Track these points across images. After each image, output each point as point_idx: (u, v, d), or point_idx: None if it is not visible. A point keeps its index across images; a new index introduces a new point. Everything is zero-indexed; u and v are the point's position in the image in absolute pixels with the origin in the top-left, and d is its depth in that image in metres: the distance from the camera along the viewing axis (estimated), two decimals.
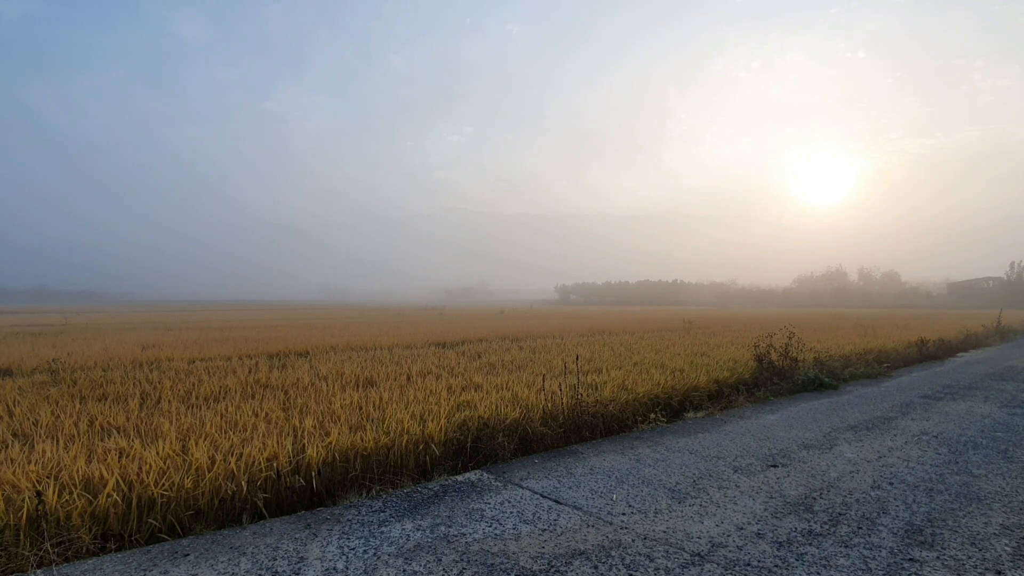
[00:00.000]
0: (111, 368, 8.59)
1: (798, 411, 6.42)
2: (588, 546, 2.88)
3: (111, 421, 4.80)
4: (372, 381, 7.08)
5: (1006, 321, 21.52)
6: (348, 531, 3.08)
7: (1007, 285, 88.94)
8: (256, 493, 3.40)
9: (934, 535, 3.03)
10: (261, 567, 2.65)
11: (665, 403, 6.30)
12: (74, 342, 13.63)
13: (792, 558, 2.75)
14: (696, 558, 2.75)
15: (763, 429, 5.51)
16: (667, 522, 3.20)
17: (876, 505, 3.46)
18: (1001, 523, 3.18)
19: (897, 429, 5.51)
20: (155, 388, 6.49)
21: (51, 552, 2.73)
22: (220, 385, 6.67)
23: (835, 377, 8.47)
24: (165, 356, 10.19)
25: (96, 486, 3.17)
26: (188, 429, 4.42)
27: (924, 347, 12.37)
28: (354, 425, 4.56)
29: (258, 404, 5.42)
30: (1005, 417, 6.10)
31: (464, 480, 4.00)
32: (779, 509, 3.39)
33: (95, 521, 2.99)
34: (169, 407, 5.31)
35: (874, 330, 17.28)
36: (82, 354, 10.41)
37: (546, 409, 5.22)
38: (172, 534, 3.09)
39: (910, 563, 2.70)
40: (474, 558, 2.74)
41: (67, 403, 5.57)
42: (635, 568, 2.65)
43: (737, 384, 7.67)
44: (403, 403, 5.39)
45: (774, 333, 9.65)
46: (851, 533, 3.05)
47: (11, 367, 8.82)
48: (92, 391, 6.34)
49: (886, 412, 6.36)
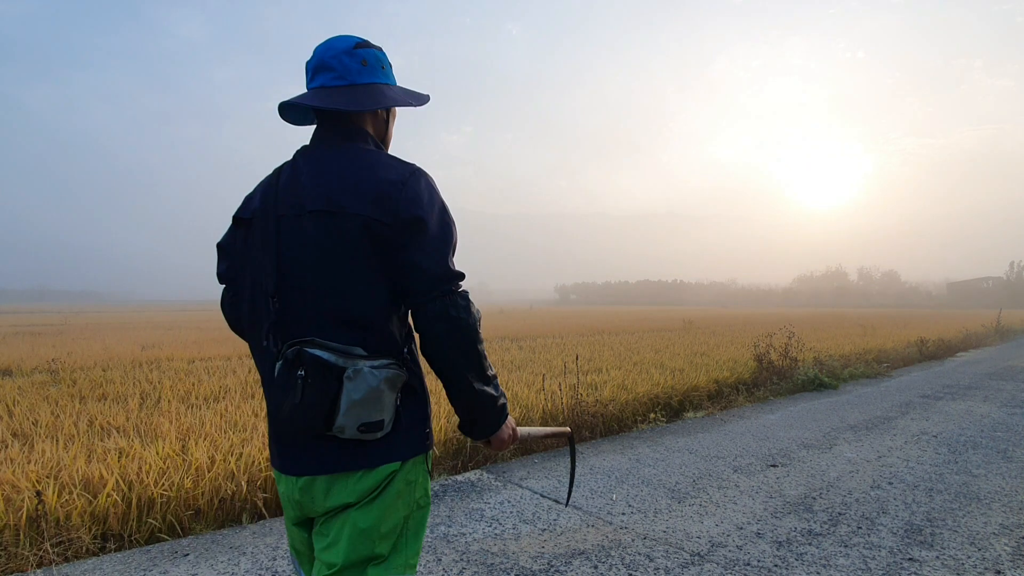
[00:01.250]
0: (111, 368, 8.59)
1: (798, 411, 6.43)
2: (588, 546, 2.89)
3: (111, 421, 4.80)
4: None
5: (1006, 321, 21.54)
6: None
7: (1007, 285, 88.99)
8: (256, 493, 3.40)
9: (934, 535, 3.03)
10: (261, 567, 2.65)
11: (665, 403, 6.30)
12: (74, 342, 13.64)
13: (792, 558, 2.75)
14: (696, 558, 2.75)
15: (763, 429, 5.51)
16: (667, 522, 3.20)
17: (876, 505, 3.46)
18: (1001, 523, 3.19)
19: (897, 429, 5.51)
20: (155, 388, 6.50)
21: (51, 552, 2.73)
22: (220, 385, 6.67)
23: (835, 377, 8.47)
24: (165, 356, 10.20)
25: (96, 486, 3.17)
26: (188, 429, 4.42)
27: (924, 347, 12.38)
28: None
29: (258, 404, 5.42)
30: (1005, 417, 6.11)
31: (464, 480, 4.00)
32: (779, 509, 3.40)
33: (95, 521, 2.99)
34: (169, 407, 5.31)
35: (874, 330, 17.29)
36: (82, 354, 10.41)
37: (546, 409, 5.23)
38: (172, 534, 3.09)
39: (909, 563, 2.70)
40: (474, 558, 2.74)
41: (67, 403, 5.57)
42: (635, 568, 2.65)
43: (737, 384, 7.68)
44: None
45: (774, 333, 9.66)
46: (851, 533, 3.05)
47: (11, 367, 8.82)
48: (92, 391, 6.34)
49: (886, 412, 6.36)
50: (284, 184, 1.19)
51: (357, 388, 1.06)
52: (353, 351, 1.09)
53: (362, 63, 1.23)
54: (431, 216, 1.15)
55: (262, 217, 1.19)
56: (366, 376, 1.07)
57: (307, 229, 1.13)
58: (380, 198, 1.11)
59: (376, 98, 1.21)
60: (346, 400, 1.05)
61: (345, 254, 1.11)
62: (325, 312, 1.12)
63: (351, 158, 1.18)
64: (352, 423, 1.07)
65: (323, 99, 1.19)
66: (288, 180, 1.19)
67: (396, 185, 1.13)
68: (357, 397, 1.06)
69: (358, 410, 1.07)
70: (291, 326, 1.13)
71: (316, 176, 1.16)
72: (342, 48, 1.22)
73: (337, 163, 1.17)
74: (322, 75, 1.22)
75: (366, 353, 1.11)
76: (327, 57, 1.22)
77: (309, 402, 1.05)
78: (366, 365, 1.08)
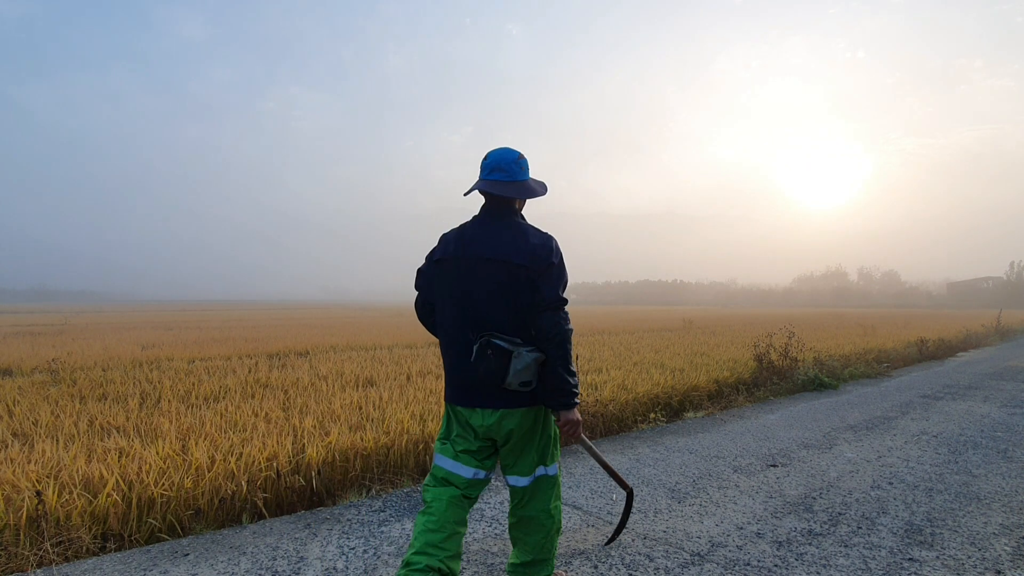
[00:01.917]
0: (111, 368, 8.59)
1: (798, 411, 6.43)
2: (588, 546, 2.89)
3: (111, 421, 4.80)
4: (372, 381, 7.08)
5: (1006, 321, 21.53)
6: (348, 531, 3.08)
7: (1007, 285, 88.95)
8: (256, 493, 3.40)
9: (934, 535, 3.03)
10: (261, 567, 2.65)
11: (665, 403, 6.30)
12: (74, 342, 13.63)
13: (792, 558, 2.75)
14: (696, 558, 2.75)
15: (763, 429, 5.51)
16: (667, 522, 3.20)
17: (876, 505, 3.46)
18: (1001, 523, 3.18)
19: (897, 429, 5.51)
20: (155, 388, 6.49)
21: (51, 552, 2.73)
22: (220, 385, 6.67)
23: (835, 377, 8.47)
24: (165, 356, 10.19)
25: (96, 486, 3.17)
26: (188, 429, 4.42)
27: (924, 347, 12.37)
28: (354, 425, 4.56)
29: (258, 404, 5.42)
30: (1005, 417, 6.10)
31: None
32: (779, 509, 3.39)
33: (95, 521, 2.99)
34: (169, 407, 5.31)
35: (874, 330, 17.28)
36: (82, 354, 10.41)
37: None
38: (172, 534, 3.09)
39: (910, 563, 2.70)
40: (474, 558, 2.74)
41: (67, 403, 5.57)
42: (635, 568, 2.65)
43: (737, 384, 7.68)
44: (403, 403, 5.39)
45: (774, 333, 9.66)
46: (851, 533, 3.05)
47: (11, 367, 8.82)
48: (92, 391, 6.34)
49: (886, 412, 6.36)
50: (467, 240, 2.08)
51: (519, 362, 1.94)
52: (516, 341, 1.98)
53: (520, 168, 2.12)
54: (555, 265, 2.02)
55: (453, 259, 2.08)
56: (524, 356, 1.95)
57: (484, 270, 2.02)
58: (532, 255, 2.00)
59: (525, 191, 2.12)
60: (512, 369, 1.93)
61: (509, 286, 2.00)
62: (500, 318, 2.01)
63: (511, 227, 2.08)
64: (515, 381, 1.94)
65: (498, 189, 2.07)
66: (470, 238, 2.08)
67: (540, 248, 2.02)
68: (519, 367, 1.94)
69: (519, 375, 1.94)
70: (480, 325, 2.01)
71: (490, 237, 2.06)
72: (511, 158, 2.11)
73: (503, 230, 2.07)
74: (496, 173, 2.09)
75: (522, 342, 1.99)
76: (501, 163, 2.10)
77: (493, 369, 1.93)
78: (523, 349, 1.96)
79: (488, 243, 2.04)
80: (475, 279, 2.03)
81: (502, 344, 1.94)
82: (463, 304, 2.04)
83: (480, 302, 2.02)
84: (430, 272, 2.18)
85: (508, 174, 2.09)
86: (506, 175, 2.09)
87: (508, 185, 2.09)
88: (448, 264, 2.09)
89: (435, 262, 2.15)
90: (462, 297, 2.05)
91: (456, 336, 2.06)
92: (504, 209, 2.12)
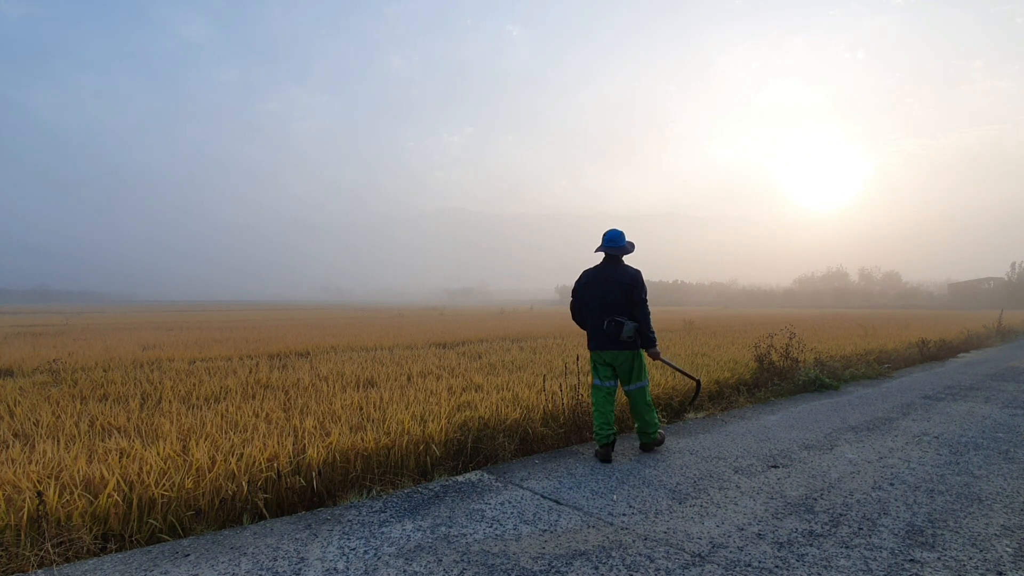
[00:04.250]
0: (112, 368, 8.60)
1: (799, 412, 6.42)
2: (589, 547, 2.88)
3: (112, 421, 4.80)
4: (373, 381, 7.08)
5: (1007, 321, 21.50)
6: (348, 531, 3.08)
7: (1008, 285, 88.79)
8: (257, 493, 3.40)
9: (935, 536, 3.02)
10: (262, 567, 2.65)
11: (665, 403, 6.30)
12: (75, 342, 13.65)
13: (793, 559, 2.75)
14: (697, 559, 2.75)
15: (764, 430, 5.51)
16: (668, 523, 3.20)
17: (877, 506, 3.46)
18: (1002, 524, 3.18)
19: (898, 430, 5.51)
20: (156, 388, 6.50)
21: (52, 552, 2.73)
22: (220, 385, 6.67)
23: (836, 378, 8.45)
24: (166, 356, 10.20)
25: (97, 486, 3.17)
26: (188, 429, 4.42)
27: (925, 348, 12.35)
28: (354, 425, 4.56)
29: (259, 404, 5.42)
30: (1006, 418, 6.09)
31: (464, 480, 4.00)
32: (780, 510, 3.39)
33: (96, 521, 2.99)
34: (170, 407, 5.31)
35: (875, 331, 17.26)
36: (83, 354, 10.42)
37: (547, 409, 5.22)
38: (173, 534, 3.09)
39: (911, 564, 2.70)
40: (475, 558, 2.74)
41: (68, 403, 5.58)
42: (635, 569, 2.64)
43: (738, 384, 7.67)
44: (404, 403, 5.39)
45: (775, 333, 9.65)
46: (852, 534, 3.04)
47: (12, 367, 8.83)
48: (93, 391, 6.35)
49: (887, 413, 6.35)
50: (600, 274, 4.64)
51: (628, 330, 4.42)
52: (625, 319, 4.48)
53: (623, 239, 4.63)
54: (641, 282, 4.54)
55: (593, 283, 4.63)
56: (629, 327, 4.43)
57: (611, 286, 4.55)
58: (631, 279, 4.54)
59: (625, 251, 4.64)
60: (624, 332, 4.42)
61: (622, 293, 4.52)
62: (618, 308, 4.51)
63: (620, 266, 4.62)
64: (627, 337, 4.43)
65: (613, 251, 4.61)
66: (602, 272, 4.63)
67: (634, 276, 4.56)
68: (628, 330, 4.42)
69: (627, 333, 4.42)
70: (609, 311, 4.51)
71: (611, 272, 4.60)
72: (619, 234, 4.63)
73: (617, 268, 4.61)
74: (612, 243, 4.59)
75: (628, 319, 4.49)
76: (615, 237, 4.61)
77: (615, 331, 4.45)
78: (629, 322, 4.45)
79: (612, 274, 4.58)
80: (608, 290, 4.53)
81: (620, 320, 4.44)
82: (602, 302, 4.54)
83: (609, 300, 4.52)
84: (580, 289, 4.73)
85: (617, 244, 4.60)
86: (617, 243, 4.60)
87: (618, 248, 4.60)
88: (592, 284, 4.63)
89: (583, 284, 4.70)
90: (601, 298, 4.55)
91: (599, 316, 4.53)
92: (618, 258, 4.64)
